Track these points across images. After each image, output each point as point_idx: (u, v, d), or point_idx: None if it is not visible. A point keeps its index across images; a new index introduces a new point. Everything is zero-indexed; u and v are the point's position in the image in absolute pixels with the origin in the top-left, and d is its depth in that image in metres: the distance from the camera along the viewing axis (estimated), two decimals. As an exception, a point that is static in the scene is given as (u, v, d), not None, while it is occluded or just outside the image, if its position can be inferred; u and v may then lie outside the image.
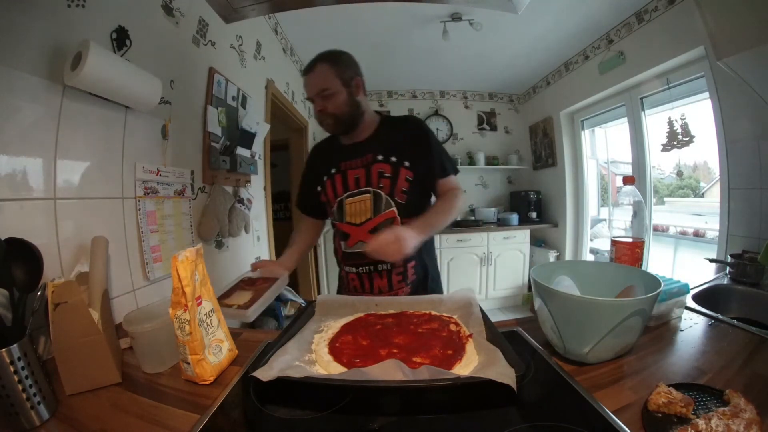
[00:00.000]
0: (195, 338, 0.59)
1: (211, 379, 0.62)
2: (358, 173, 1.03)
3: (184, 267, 0.59)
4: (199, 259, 0.66)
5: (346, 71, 1.01)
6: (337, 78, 0.99)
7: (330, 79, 0.99)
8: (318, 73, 0.99)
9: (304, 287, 3.05)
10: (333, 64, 1.00)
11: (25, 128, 0.78)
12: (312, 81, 1.00)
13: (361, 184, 1.02)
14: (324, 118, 1.02)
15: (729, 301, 1.10)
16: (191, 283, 0.60)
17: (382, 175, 1.01)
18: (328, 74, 0.99)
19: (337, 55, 1.02)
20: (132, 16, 1.06)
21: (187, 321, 0.59)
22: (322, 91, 0.99)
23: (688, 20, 1.82)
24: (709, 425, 0.42)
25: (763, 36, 1.01)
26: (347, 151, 1.07)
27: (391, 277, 1.03)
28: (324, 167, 1.10)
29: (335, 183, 1.06)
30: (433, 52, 2.81)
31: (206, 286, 0.68)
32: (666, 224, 2.56)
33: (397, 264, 1.02)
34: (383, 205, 1.01)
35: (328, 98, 0.99)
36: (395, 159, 1.01)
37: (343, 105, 1.01)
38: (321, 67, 0.99)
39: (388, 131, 1.08)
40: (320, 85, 0.99)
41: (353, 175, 1.04)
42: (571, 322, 0.61)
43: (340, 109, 1.00)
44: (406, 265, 1.04)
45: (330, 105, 1.00)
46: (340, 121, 1.02)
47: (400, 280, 1.04)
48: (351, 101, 1.02)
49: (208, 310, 0.66)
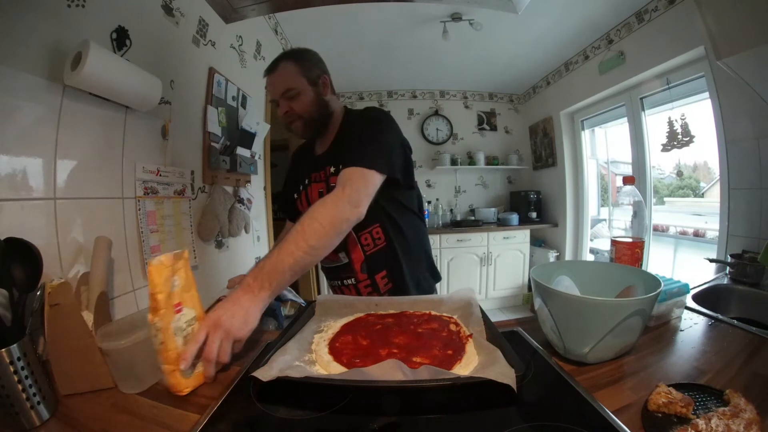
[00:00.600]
0: (168, 348, 0.56)
1: (186, 390, 0.57)
2: (321, 187, 0.98)
3: (158, 272, 0.56)
4: (182, 264, 0.62)
5: (312, 69, 0.95)
6: (303, 77, 0.93)
7: (295, 78, 0.92)
8: (281, 73, 0.93)
9: (304, 287, 3.05)
10: (297, 62, 0.94)
11: (25, 128, 0.78)
12: (275, 81, 0.94)
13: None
14: (291, 121, 0.96)
15: (729, 301, 1.10)
16: (165, 290, 0.57)
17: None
18: (293, 73, 0.92)
19: (300, 53, 0.96)
20: (132, 16, 1.06)
21: (159, 329, 0.56)
22: (287, 92, 0.92)
23: (688, 20, 1.82)
24: (709, 425, 0.42)
25: (763, 36, 1.01)
26: (316, 162, 1.02)
27: (359, 290, 1.00)
28: (299, 176, 1.07)
29: (309, 194, 1.02)
30: (433, 52, 2.81)
31: (190, 292, 0.64)
32: (666, 224, 2.56)
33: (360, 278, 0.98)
34: None
35: (293, 99, 0.93)
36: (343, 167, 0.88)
37: (310, 105, 0.94)
38: (284, 65, 0.93)
39: (347, 133, 0.99)
40: (284, 85, 0.92)
41: (317, 189, 0.99)
42: (571, 322, 0.61)
43: (306, 110, 0.94)
44: (373, 278, 0.99)
45: (296, 106, 0.93)
46: (309, 123, 0.96)
47: (370, 292, 1.00)
48: (319, 101, 0.96)
49: (190, 318, 0.62)
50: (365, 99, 3.76)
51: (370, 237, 0.98)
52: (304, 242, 0.71)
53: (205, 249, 1.47)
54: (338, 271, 1.01)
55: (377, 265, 0.99)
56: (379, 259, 0.99)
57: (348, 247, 0.98)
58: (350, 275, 1.00)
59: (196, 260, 1.37)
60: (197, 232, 1.42)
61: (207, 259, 1.47)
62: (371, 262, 0.98)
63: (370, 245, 0.98)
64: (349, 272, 1.00)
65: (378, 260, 0.99)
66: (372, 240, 0.98)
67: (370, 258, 0.98)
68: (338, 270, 1.01)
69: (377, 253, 0.98)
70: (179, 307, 0.60)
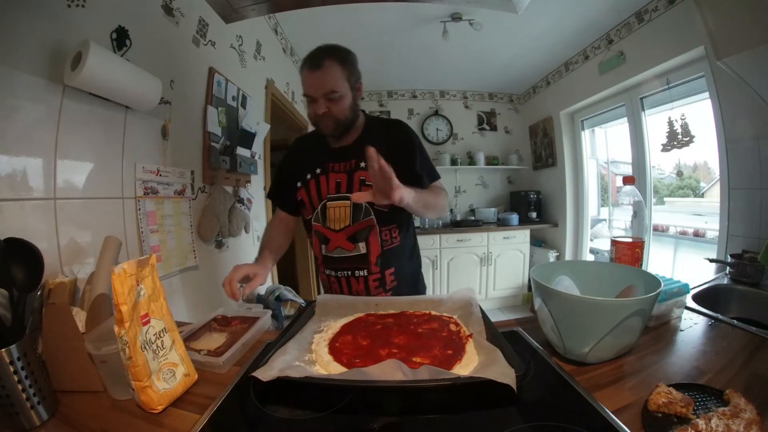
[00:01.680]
0: (136, 363, 0.52)
1: (159, 408, 0.54)
2: (340, 178, 1.00)
3: (120, 281, 0.52)
4: (148, 271, 0.58)
5: (354, 73, 0.96)
6: (346, 81, 0.94)
7: (340, 81, 0.92)
8: (327, 73, 0.91)
9: (304, 287, 3.05)
10: (342, 64, 0.93)
11: (25, 128, 0.78)
12: (320, 81, 0.91)
13: (342, 189, 0.99)
14: (325, 121, 0.96)
15: (729, 301, 1.10)
16: (129, 300, 0.52)
17: (363, 183, 0.97)
18: (339, 75, 0.92)
19: (345, 54, 0.96)
20: (132, 16, 1.06)
21: (126, 343, 0.52)
22: (331, 93, 0.91)
23: (688, 20, 1.82)
24: (709, 425, 0.42)
25: (763, 36, 1.01)
26: (333, 153, 1.03)
27: (368, 283, 1.01)
28: (308, 164, 1.05)
29: (319, 183, 1.02)
30: (433, 52, 2.81)
31: (158, 301, 0.60)
32: (666, 224, 2.56)
33: (373, 271, 1.01)
34: (362, 214, 0.98)
35: (334, 101, 0.93)
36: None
37: (348, 110, 0.96)
38: (331, 65, 0.91)
39: (373, 135, 1.02)
40: (329, 87, 0.91)
41: (335, 179, 1.00)
42: (571, 322, 0.61)
43: (344, 113, 0.95)
44: (383, 272, 1.02)
45: (335, 108, 0.93)
46: (341, 125, 0.97)
47: (377, 286, 1.02)
48: (354, 106, 0.98)
49: (159, 330, 0.58)
50: (365, 99, 3.76)
51: (388, 234, 1.03)
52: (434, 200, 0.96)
53: (205, 249, 1.47)
54: (352, 261, 1.01)
55: (389, 261, 1.03)
56: (391, 256, 1.03)
57: (369, 239, 1.00)
58: (364, 266, 1.01)
59: (196, 260, 1.37)
60: (197, 232, 1.42)
61: (207, 259, 1.46)
62: (385, 257, 1.02)
63: (387, 241, 1.03)
64: (364, 263, 1.01)
65: (390, 257, 1.03)
66: (390, 237, 1.03)
67: (385, 253, 1.02)
68: (352, 260, 1.01)
69: (390, 251, 1.03)
70: (146, 319, 0.56)
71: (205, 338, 0.77)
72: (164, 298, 0.61)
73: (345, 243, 0.99)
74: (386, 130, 1.06)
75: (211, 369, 0.66)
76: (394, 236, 1.04)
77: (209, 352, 0.69)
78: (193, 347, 0.71)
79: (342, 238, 0.99)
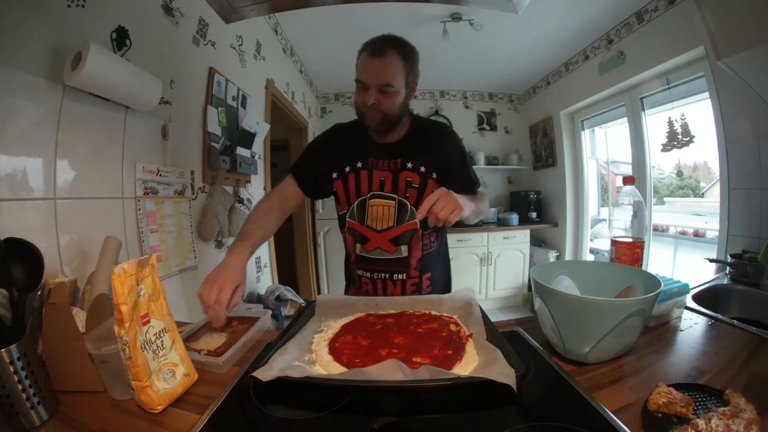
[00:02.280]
0: (136, 363, 0.53)
1: (159, 408, 0.54)
2: (384, 176, 0.96)
3: (120, 281, 0.52)
4: (148, 271, 0.58)
5: (413, 71, 0.93)
6: (404, 77, 0.90)
7: (398, 75, 0.88)
8: (389, 64, 0.87)
9: (304, 287, 3.05)
10: (405, 59, 0.90)
11: (25, 128, 0.78)
12: (378, 69, 0.87)
13: (386, 188, 0.95)
14: (371, 113, 0.91)
15: (729, 301, 1.10)
16: (129, 300, 0.53)
17: (409, 185, 0.95)
18: (399, 69, 0.88)
19: (410, 49, 0.92)
20: (132, 16, 1.06)
21: (126, 343, 0.52)
22: (386, 86, 0.87)
23: (688, 20, 1.82)
24: (709, 425, 0.42)
25: (763, 36, 1.02)
26: (377, 149, 0.99)
27: (405, 287, 1.00)
28: (349, 155, 1.00)
29: (360, 178, 0.97)
30: (433, 52, 2.81)
31: (158, 301, 0.60)
32: (666, 224, 2.56)
33: (413, 275, 0.99)
34: (407, 216, 0.95)
35: (387, 95, 0.88)
36: (424, 169, 0.95)
37: (398, 106, 0.92)
38: (393, 57, 0.87)
39: (419, 136, 1.00)
40: (387, 79, 0.87)
41: (379, 177, 0.96)
42: (571, 322, 0.61)
43: (393, 109, 0.91)
44: (421, 277, 1.01)
45: (386, 102, 0.89)
46: (387, 120, 0.93)
47: (414, 291, 1.00)
48: (405, 104, 0.94)
49: (159, 330, 0.58)
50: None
51: (428, 238, 1.02)
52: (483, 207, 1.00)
53: (205, 249, 1.47)
54: (392, 264, 0.99)
55: (427, 265, 1.02)
56: (429, 261, 1.02)
57: (412, 242, 0.98)
58: (404, 270, 0.99)
59: (196, 260, 1.37)
60: (197, 232, 1.42)
61: (207, 259, 1.46)
62: (425, 261, 1.01)
63: (427, 245, 1.01)
64: (404, 267, 0.99)
65: (429, 261, 1.02)
66: (430, 241, 1.02)
67: (424, 257, 1.01)
68: (392, 263, 0.98)
69: (429, 255, 1.02)
70: (146, 319, 0.56)
71: (205, 338, 0.76)
72: (164, 298, 0.61)
73: (387, 245, 0.96)
74: (432, 133, 1.03)
75: (211, 369, 0.66)
76: (433, 240, 1.03)
77: (209, 352, 0.69)
78: (193, 347, 0.71)
79: (384, 240, 0.96)
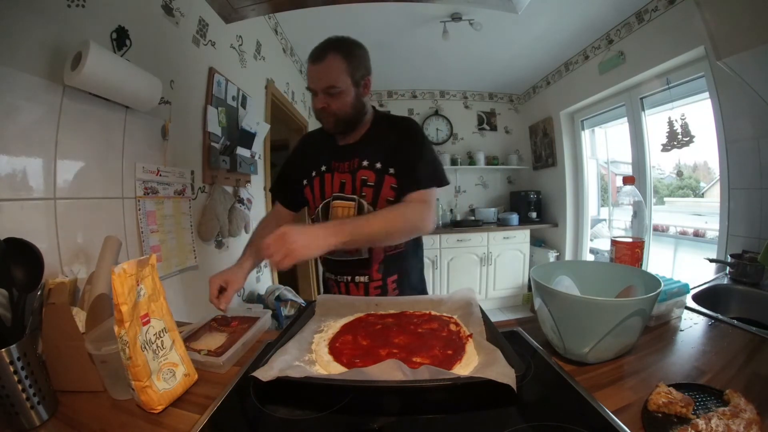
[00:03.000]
0: (136, 363, 0.53)
1: (159, 408, 0.54)
2: (345, 177, 0.96)
3: (120, 281, 0.52)
4: (148, 271, 0.58)
5: (359, 68, 0.91)
6: (349, 76, 0.89)
7: (341, 76, 0.88)
8: (329, 66, 0.87)
9: (304, 287, 3.05)
10: (346, 59, 0.88)
11: (25, 128, 0.78)
12: (320, 74, 0.88)
13: (346, 190, 0.95)
14: (325, 117, 0.93)
15: (729, 301, 1.10)
16: (129, 300, 0.52)
17: (365, 183, 0.93)
18: (340, 70, 0.88)
19: (351, 48, 0.91)
20: (132, 16, 1.06)
21: (127, 343, 0.52)
22: (330, 88, 0.88)
23: (688, 20, 1.82)
24: (709, 425, 0.42)
25: (763, 36, 1.01)
26: (338, 151, 0.99)
27: (368, 290, 0.98)
28: (314, 161, 1.02)
29: (324, 181, 0.98)
30: (433, 52, 2.81)
31: (158, 301, 0.59)
32: (666, 224, 2.56)
33: (375, 278, 0.97)
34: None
35: (334, 96, 0.89)
36: (380, 165, 0.93)
37: (349, 106, 0.91)
38: (333, 59, 0.87)
39: (380, 133, 0.98)
40: (329, 81, 0.87)
41: (340, 179, 0.96)
42: (571, 322, 0.61)
43: (344, 109, 0.91)
44: (385, 279, 0.99)
45: (335, 104, 0.90)
46: (341, 121, 0.93)
47: (378, 294, 0.98)
48: (357, 103, 0.93)
49: (159, 330, 0.58)
50: (365, 99, 3.76)
51: None
52: (386, 224, 0.82)
53: (205, 249, 1.47)
54: (354, 266, 0.98)
55: (392, 268, 0.99)
56: (395, 263, 0.99)
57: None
58: (365, 272, 0.98)
59: (196, 260, 1.37)
60: (197, 232, 1.42)
61: (207, 259, 1.47)
62: (388, 263, 0.99)
63: (391, 246, 0.98)
64: (365, 269, 0.98)
65: (394, 263, 0.99)
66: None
67: (387, 259, 0.98)
68: (354, 265, 0.98)
69: (394, 257, 0.99)
70: (146, 319, 0.56)
71: (205, 338, 0.76)
72: (164, 298, 0.61)
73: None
74: (394, 127, 0.99)
75: (211, 369, 0.66)
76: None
77: (209, 352, 0.69)
78: (193, 347, 0.71)
79: None
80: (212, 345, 0.73)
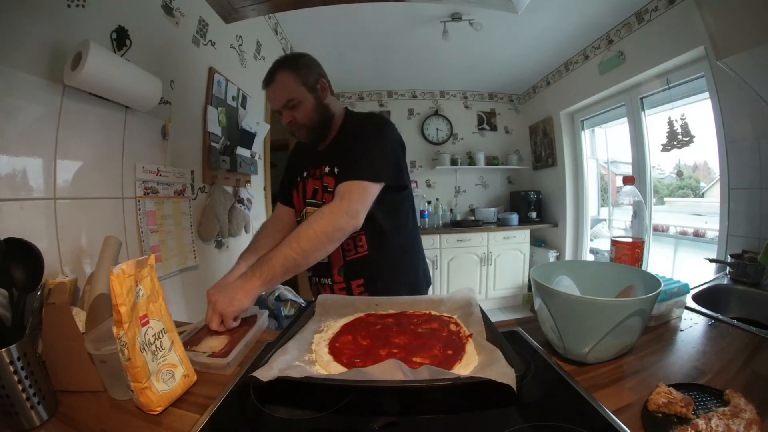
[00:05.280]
0: (135, 364, 0.52)
1: (159, 409, 0.54)
2: (317, 184, 0.99)
3: (119, 282, 0.51)
4: (147, 272, 0.58)
5: (309, 75, 0.94)
6: (302, 85, 0.92)
7: (294, 87, 0.92)
8: (280, 84, 0.92)
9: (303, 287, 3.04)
10: (293, 71, 0.92)
11: (25, 128, 0.78)
12: (275, 93, 0.93)
13: (317, 196, 0.98)
14: (296, 130, 0.96)
15: (729, 301, 1.10)
16: (128, 301, 0.52)
17: (326, 190, 0.96)
18: (291, 83, 0.92)
19: (295, 60, 0.95)
20: (132, 16, 1.06)
21: (125, 344, 0.51)
22: (288, 102, 0.92)
23: (688, 20, 1.82)
24: (709, 425, 0.42)
25: (763, 36, 1.01)
26: (314, 158, 1.02)
27: (333, 291, 1.00)
28: (299, 169, 1.07)
29: (305, 187, 1.02)
30: (433, 52, 2.81)
31: (157, 302, 0.59)
32: (666, 224, 2.56)
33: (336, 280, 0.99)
34: None
35: (295, 108, 0.93)
36: (339, 170, 0.94)
37: (312, 112, 0.94)
38: (282, 75, 0.92)
39: (346, 136, 0.99)
40: (285, 96, 0.92)
41: (313, 185, 1.00)
42: (571, 322, 0.61)
43: (309, 117, 0.94)
44: (349, 282, 0.99)
45: (299, 115, 0.93)
46: (312, 129, 0.96)
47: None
48: (319, 106, 0.95)
49: (158, 331, 0.58)
50: (365, 99, 3.75)
51: (352, 243, 0.97)
52: (297, 245, 0.80)
53: (205, 249, 1.47)
54: (318, 268, 1.00)
55: (355, 271, 0.99)
56: (358, 267, 0.99)
57: None
58: (327, 275, 1.00)
59: (196, 260, 1.37)
60: (197, 232, 1.42)
61: (207, 259, 1.47)
62: (349, 267, 0.98)
63: (351, 251, 0.98)
64: (327, 272, 1.00)
65: (357, 267, 0.99)
66: (354, 246, 0.98)
67: (348, 263, 0.98)
68: (318, 267, 1.00)
69: (357, 260, 0.98)
70: (145, 320, 0.56)
71: (206, 341, 0.76)
72: (163, 298, 0.61)
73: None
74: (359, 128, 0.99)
75: (216, 371, 0.65)
76: (360, 246, 0.98)
77: (213, 354, 0.68)
78: (195, 350, 0.70)
79: None
80: (215, 347, 0.72)
